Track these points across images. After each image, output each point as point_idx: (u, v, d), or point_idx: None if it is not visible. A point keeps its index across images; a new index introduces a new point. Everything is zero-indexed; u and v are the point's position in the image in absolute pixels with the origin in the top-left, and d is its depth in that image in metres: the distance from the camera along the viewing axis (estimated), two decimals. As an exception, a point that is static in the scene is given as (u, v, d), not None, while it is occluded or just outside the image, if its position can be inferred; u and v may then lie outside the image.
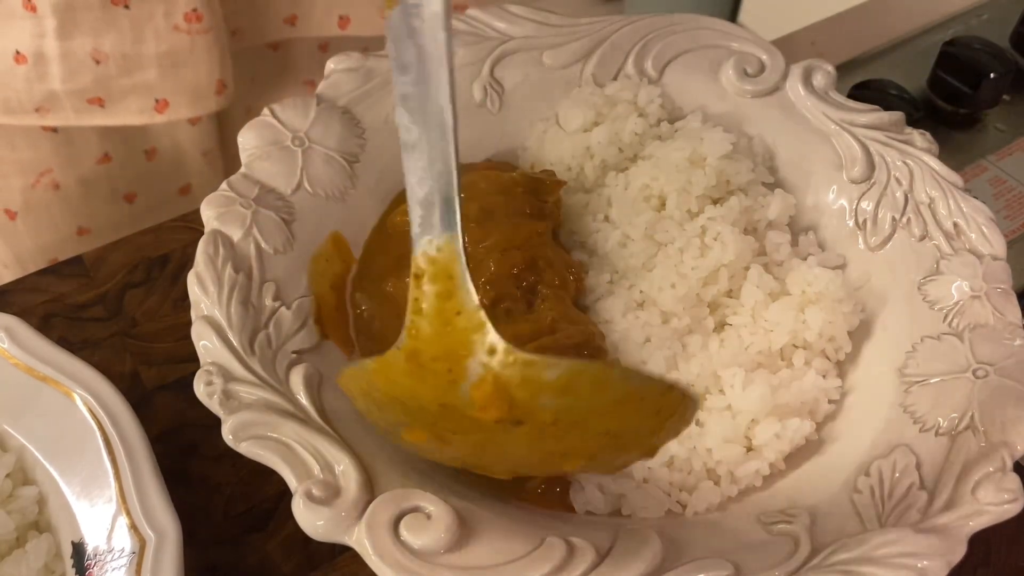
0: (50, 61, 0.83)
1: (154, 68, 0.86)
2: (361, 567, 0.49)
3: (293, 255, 0.62)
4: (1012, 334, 0.58)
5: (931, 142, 0.68)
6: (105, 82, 0.86)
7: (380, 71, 0.71)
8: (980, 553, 0.63)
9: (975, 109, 0.93)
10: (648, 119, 0.72)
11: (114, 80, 0.86)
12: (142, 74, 0.86)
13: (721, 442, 0.58)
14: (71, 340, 0.71)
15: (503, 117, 0.74)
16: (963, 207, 0.64)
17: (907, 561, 0.47)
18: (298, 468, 0.50)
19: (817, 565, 0.49)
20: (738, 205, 0.66)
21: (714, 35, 0.76)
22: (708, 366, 0.61)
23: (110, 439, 0.56)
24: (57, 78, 0.84)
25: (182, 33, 0.84)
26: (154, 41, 0.84)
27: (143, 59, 0.85)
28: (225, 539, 0.62)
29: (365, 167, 0.69)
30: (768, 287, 0.64)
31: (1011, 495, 0.50)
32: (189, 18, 0.83)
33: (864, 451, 0.55)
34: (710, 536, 0.53)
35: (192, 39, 0.85)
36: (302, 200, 0.64)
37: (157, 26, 0.83)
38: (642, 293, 0.65)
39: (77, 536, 0.54)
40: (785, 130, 0.72)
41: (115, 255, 0.76)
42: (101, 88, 0.86)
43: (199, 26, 0.84)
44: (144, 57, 0.85)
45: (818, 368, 0.62)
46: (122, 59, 0.85)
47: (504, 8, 0.76)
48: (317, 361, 0.58)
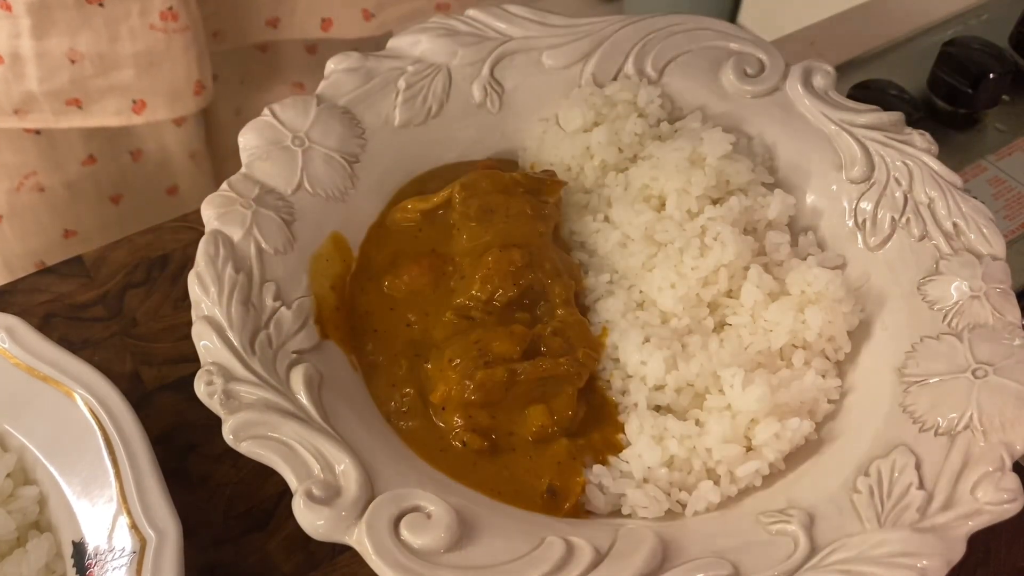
0: (26, 62, 0.83)
1: (131, 68, 0.86)
2: (361, 567, 0.49)
3: (293, 255, 0.62)
4: (1011, 334, 0.58)
5: (931, 142, 0.68)
6: (82, 82, 0.86)
7: (380, 71, 0.71)
8: (979, 553, 0.63)
9: (975, 109, 0.93)
10: (648, 119, 0.73)
11: (91, 80, 0.86)
12: (118, 74, 0.86)
13: (721, 442, 0.58)
14: (71, 340, 0.71)
15: (503, 117, 0.74)
16: (962, 207, 0.64)
17: (906, 561, 0.47)
18: (298, 468, 0.50)
19: (816, 565, 0.49)
20: (738, 205, 0.66)
21: (714, 35, 0.76)
22: (708, 366, 0.61)
23: (110, 439, 0.56)
24: (34, 79, 0.84)
25: (158, 32, 0.84)
26: (130, 40, 0.84)
27: (119, 58, 0.85)
28: (225, 539, 0.62)
29: (365, 167, 0.69)
30: (768, 287, 0.64)
31: (1010, 495, 0.50)
32: (165, 16, 0.83)
33: (863, 451, 0.56)
34: (710, 536, 0.53)
35: (168, 38, 0.84)
36: (302, 200, 0.64)
37: (132, 25, 0.83)
38: (642, 293, 0.65)
39: (78, 535, 0.55)
40: (785, 130, 0.72)
41: (115, 255, 0.76)
42: (78, 89, 0.86)
43: (175, 25, 0.84)
44: (120, 56, 0.85)
45: (818, 368, 0.62)
46: (98, 58, 0.84)
47: (504, 8, 0.76)
48: (317, 361, 0.58)
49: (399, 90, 0.71)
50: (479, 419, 0.58)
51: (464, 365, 0.58)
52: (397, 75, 0.72)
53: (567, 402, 0.59)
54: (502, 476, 0.57)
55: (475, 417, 0.58)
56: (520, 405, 0.59)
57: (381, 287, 0.65)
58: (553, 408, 0.59)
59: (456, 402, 0.58)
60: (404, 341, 0.63)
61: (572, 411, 0.59)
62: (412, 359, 0.62)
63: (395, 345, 0.63)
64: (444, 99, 0.73)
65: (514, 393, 0.59)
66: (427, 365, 0.61)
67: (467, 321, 0.62)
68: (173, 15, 0.83)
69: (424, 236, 0.67)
